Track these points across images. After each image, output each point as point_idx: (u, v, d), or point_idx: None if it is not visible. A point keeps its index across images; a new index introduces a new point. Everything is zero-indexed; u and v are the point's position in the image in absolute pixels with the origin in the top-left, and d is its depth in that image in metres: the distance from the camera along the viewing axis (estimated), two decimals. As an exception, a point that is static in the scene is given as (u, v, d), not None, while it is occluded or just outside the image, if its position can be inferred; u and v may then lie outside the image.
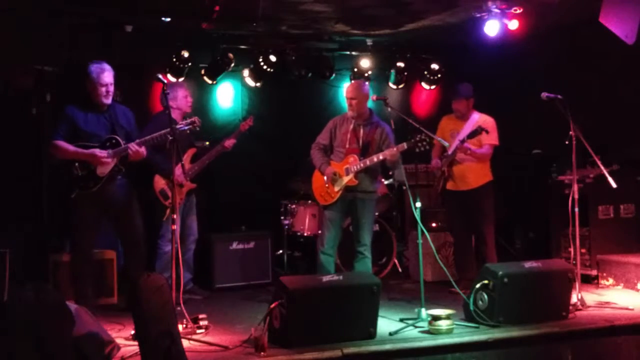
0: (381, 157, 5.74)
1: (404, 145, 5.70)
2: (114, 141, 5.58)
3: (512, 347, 4.87)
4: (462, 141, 6.28)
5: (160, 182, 6.26)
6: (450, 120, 6.70)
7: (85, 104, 5.62)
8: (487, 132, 6.22)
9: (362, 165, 5.81)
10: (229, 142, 6.53)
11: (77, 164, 5.50)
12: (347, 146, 5.93)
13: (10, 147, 6.29)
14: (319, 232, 6.19)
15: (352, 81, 6.15)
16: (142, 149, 5.57)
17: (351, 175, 5.85)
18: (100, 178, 5.53)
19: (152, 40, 7.41)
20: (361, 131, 5.94)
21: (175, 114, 6.34)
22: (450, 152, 6.43)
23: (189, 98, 6.53)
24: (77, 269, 5.66)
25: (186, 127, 5.60)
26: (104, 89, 5.57)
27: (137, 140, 5.57)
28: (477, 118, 6.49)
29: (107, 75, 5.58)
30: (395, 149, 5.70)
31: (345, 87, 6.02)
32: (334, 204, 5.94)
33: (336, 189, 5.90)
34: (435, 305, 5.23)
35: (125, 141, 5.59)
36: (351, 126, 5.96)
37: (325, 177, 5.93)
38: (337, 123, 6.06)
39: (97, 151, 5.50)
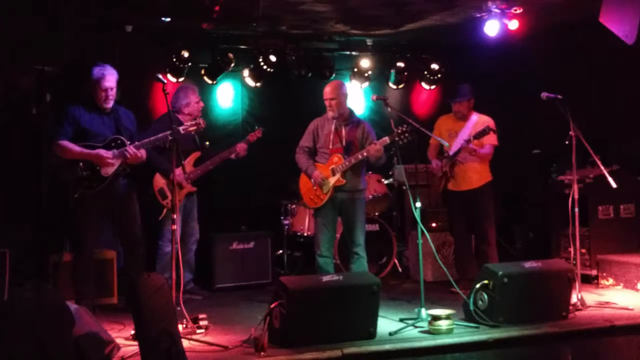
0: (365, 154, 5.80)
1: (386, 139, 5.74)
2: (119, 141, 5.57)
3: (512, 347, 4.86)
4: (468, 141, 6.25)
5: (159, 181, 6.26)
6: (448, 120, 6.69)
7: (89, 104, 5.60)
8: (494, 131, 6.22)
9: (347, 163, 5.86)
10: (241, 147, 6.48)
11: (81, 164, 5.48)
12: (331, 146, 5.97)
13: (10, 147, 6.29)
14: (314, 235, 6.20)
15: (330, 82, 6.15)
16: (141, 153, 5.56)
17: (338, 175, 5.89)
18: (105, 178, 5.52)
19: (152, 40, 7.40)
20: (343, 130, 5.98)
21: (185, 118, 6.34)
22: (451, 152, 6.43)
23: (201, 103, 6.60)
24: (79, 269, 5.64)
25: (191, 128, 5.60)
26: (104, 94, 5.55)
27: (136, 143, 5.56)
28: (477, 119, 6.48)
29: (109, 80, 5.55)
30: (378, 144, 5.74)
31: (324, 89, 6.03)
32: (325, 205, 5.96)
33: (325, 190, 5.93)
34: (435, 305, 5.23)
35: (129, 142, 5.59)
36: (333, 126, 6.00)
37: (312, 180, 5.96)
38: (319, 124, 6.10)
39: (102, 152, 5.49)
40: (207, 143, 6.79)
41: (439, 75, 8.72)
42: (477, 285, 5.13)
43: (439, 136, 6.42)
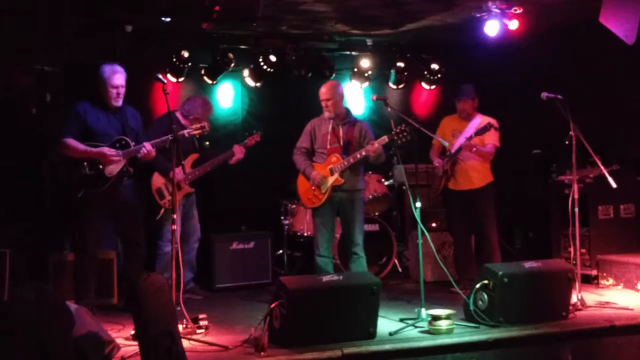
0: (364, 153, 5.80)
1: (385, 138, 5.74)
2: (123, 142, 5.57)
3: (512, 347, 4.86)
4: (470, 138, 6.25)
5: (158, 181, 6.26)
6: (452, 120, 6.68)
7: (98, 102, 5.59)
8: (496, 129, 6.23)
9: (345, 163, 5.85)
10: (238, 149, 6.46)
11: (85, 163, 5.47)
12: (329, 146, 5.97)
13: (11, 147, 6.29)
14: (313, 235, 6.20)
15: (325, 82, 6.15)
16: (153, 150, 5.57)
17: (336, 175, 5.88)
18: (109, 178, 5.52)
19: (152, 40, 7.41)
20: (340, 130, 5.98)
21: (185, 121, 6.33)
22: (453, 150, 6.42)
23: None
24: (81, 269, 5.63)
25: (195, 132, 5.60)
26: (114, 91, 5.55)
27: (151, 142, 5.56)
28: (480, 120, 6.47)
29: (119, 78, 5.56)
30: (376, 143, 5.74)
31: (320, 90, 6.02)
32: (323, 205, 5.96)
33: (323, 190, 5.92)
34: (435, 305, 5.23)
35: (135, 143, 5.59)
36: (330, 126, 6.00)
37: (310, 181, 5.95)
38: (315, 125, 6.10)
39: (106, 149, 5.48)
40: (207, 143, 6.79)
41: (439, 75, 8.72)
42: (477, 285, 5.13)
43: (442, 136, 6.42)
